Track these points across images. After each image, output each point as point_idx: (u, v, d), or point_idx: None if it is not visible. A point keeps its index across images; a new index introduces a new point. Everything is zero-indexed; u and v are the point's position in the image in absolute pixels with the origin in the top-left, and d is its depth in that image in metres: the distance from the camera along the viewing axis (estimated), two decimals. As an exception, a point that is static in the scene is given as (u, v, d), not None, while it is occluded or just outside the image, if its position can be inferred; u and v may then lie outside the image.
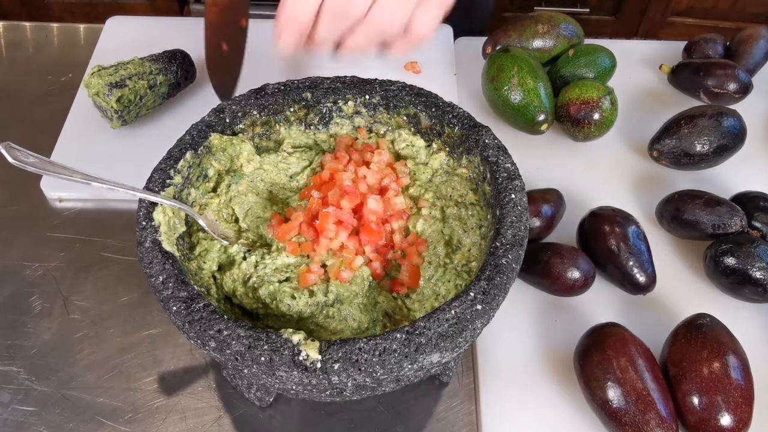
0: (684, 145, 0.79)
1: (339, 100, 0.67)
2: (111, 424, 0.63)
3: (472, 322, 0.49)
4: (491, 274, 0.52)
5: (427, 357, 0.48)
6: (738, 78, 0.85)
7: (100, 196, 0.80)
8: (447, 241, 0.62)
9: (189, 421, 0.63)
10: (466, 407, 0.65)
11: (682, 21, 1.89)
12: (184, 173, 0.60)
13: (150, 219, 0.55)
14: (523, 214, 0.56)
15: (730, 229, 0.71)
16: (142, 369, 0.66)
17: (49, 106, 0.89)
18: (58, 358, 0.67)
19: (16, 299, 0.71)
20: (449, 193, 0.65)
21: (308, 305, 0.56)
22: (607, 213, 0.71)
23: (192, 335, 0.49)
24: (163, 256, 0.53)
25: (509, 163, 0.60)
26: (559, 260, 0.68)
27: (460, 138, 0.64)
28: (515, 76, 0.82)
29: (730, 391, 0.58)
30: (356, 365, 0.46)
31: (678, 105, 0.86)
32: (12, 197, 0.80)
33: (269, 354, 0.47)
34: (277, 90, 0.66)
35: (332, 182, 0.63)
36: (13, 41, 0.99)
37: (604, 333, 0.62)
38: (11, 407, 0.64)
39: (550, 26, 0.89)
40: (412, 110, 0.66)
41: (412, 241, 0.62)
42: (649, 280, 0.68)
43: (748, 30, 0.92)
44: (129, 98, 0.80)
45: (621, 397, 0.58)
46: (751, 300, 0.69)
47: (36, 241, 0.76)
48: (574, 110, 0.81)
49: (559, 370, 0.66)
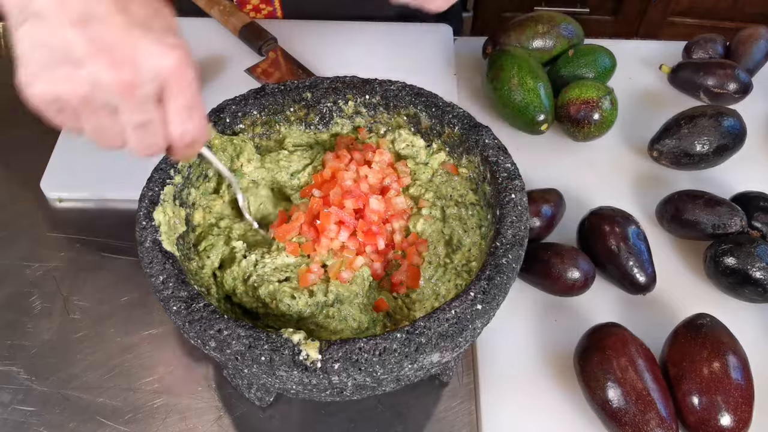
0: (684, 145, 0.79)
1: (339, 99, 0.67)
2: (111, 424, 0.63)
3: (473, 322, 0.49)
4: (491, 273, 0.52)
5: (428, 357, 0.48)
6: (738, 78, 0.85)
7: (100, 196, 0.80)
8: (447, 241, 0.62)
9: (189, 421, 0.63)
10: (466, 407, 0.65)
11: (682, 21, 1.89)
12: (184, 173, 0.60)
13: (150, 219, 0.55)
14: (524, 213, 0.56)
15: (730, 229, 0.71)
16: (142, 369, 0.66)
17: (49, 106, 0.89)
18: (58, 358, 0.67)
19: (16, 299, 0.71)
20: (449, 193, 0.65)
21: (308, 305, 0.56)
22: (607, 213, 0.71)
23: (192, 335, 0.49)
24: (164, 256, 0.53)
25: (509, 163, 0.60)
26: (559, 260, 0.68)
27: (460, 138, 0.64)
28: (515, 76, 0.82)
29: (730, 391, 0.58)
30: (356, 365, 0.46)
31: (678, 105, 0.86)
32: (12, 197, 0.80)
33: (269, 354, 0.47)
34: (277, 90, 0.66)
35: (333, 181, 0.63)
36: (13, 41, 0.99)
37: (604, 333, 0.62)
38: (11, 407, 0.64)
39: (550, 26, 0.89)
40: (412, 110, 0.66)
41: (413, 241, 0.62)
42: (649, 280, 0.68)
43: (748, 30, 0.92)
44: (129, 98, 0.80)
45: (621, 397, 0.58)
46: (751, 300, 0.69)
47: (36, 241, 0.76)
48: (574, 110, 0.81)
49: (559, 370, 0.66)
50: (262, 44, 0.94)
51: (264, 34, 0.94)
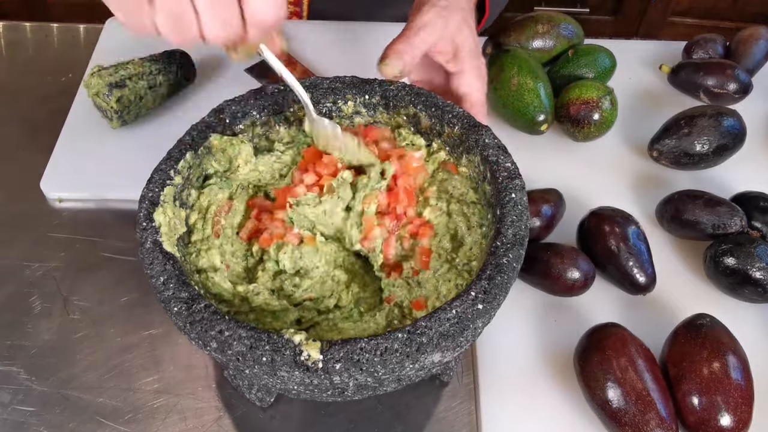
0: (684, 145, 0.79)
1: (339, 100, 0.67)
2: (111, 424, 0.63)
3: (473, 322, 0.49)
4: (492, 273, 0.52)
5: (429, 356, 0.48)
6: (738, 78, 0.85)
7: (100, 196, 0.80)
8: (452, 236, 0.62)
9: (189, 421, 0.63)
10: (466, 407, 0.65)
11: (682, 21, 1.89)
12: (184, 174, 0.60)
13: (151, 220, 0.55)
14: (524, 213, 0.56)
15: (730, 230, 0.71)
16: (142, 369, 0.66)
17: (49, 106, 0.89)
18: (58, 358, 0.67)
19: (16, 299, 0.71)
20: (451, 191, 0.65)
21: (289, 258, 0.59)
22: (607, 213, 0.71)
23: (193, 336, 0.49)
24: (164, 257, 0.53)
25: (509, 163, 0.60)
26: (559, 260, 0.68)
27: (460, 137, 0.64)
28: (515, 76, 0.82)
29: (730, 391, 0.58)
30: (358, 365, 0.46)
31: (678, 105, 0.86)
32: (12, 197, 0.80)
33: (271, 354, 0.47)
34: (277, 90, 0.66)
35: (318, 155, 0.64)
36: (13, 41, 0.99)
37: (604, 333, 0.62)
38: (11, 407, 0.64)
39: (550, 26, 0.89)
40: (412, 110, 0.66)
41: (423, 222, 0.62)
42: (649, 280, 0.68)
43: (748, 30, 0.92)
44: (129, 98, 0.80)
45: (621, 398, 0.58)
46: (751, 300, 0.69)
47: (36, 241, 0.76)
48: (574, 110, 0.81)
49: (559, 370, 0.66)
50: (262, 44, 0.93)
51: (264, 34, 0.94)
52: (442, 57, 0.68)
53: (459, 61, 0.68)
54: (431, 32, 0.65)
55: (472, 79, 0.68)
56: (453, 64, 0.68)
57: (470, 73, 0.68)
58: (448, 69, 0.69)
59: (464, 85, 0.68)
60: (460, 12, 0.68)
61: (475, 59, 0.68)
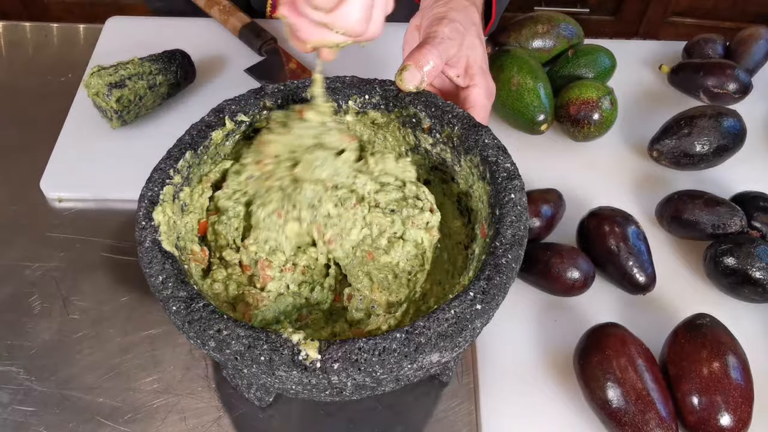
0: (684, 146, 0.79)
1: (339, 100, 0.67)
2: (111, 424, 0.63)
3: (472, 322, 0.49)
4: (491, 273, 0.52)
5: (427, 357, 0.48)
6: (738, 78, 0.85)
7: (100, 196, 0.80)
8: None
9: (189, 421, 0.63)
10: (466, 407, 0.65)
11: (682, 21, 1.89)
12: (183, 173, 0.60)
13: (150, 219, 0.55)
14: (523, 213, 0.56)
15: (729, 229, 0.71)
16: (142, 369, 0.66)
17: (49, 106, 0.89)
18: (57, 358, 0.67)
19: (16, 299, 0.71)
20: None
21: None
22: (607, 213, 0.71)
23: (191, 335, 0.49)
24: (163, 256, 0.53)
25: (509, 163, 0.60)
26: (559, 260, 0.68)
27: (460, 138, 0.64)
28: (515, 76, 0.82)
29: (730, 391, 0.58)
30: (356, 365, 0.46)
31: (678, 105, 0.86)
32: (12, 197, 0.80)
33: (269, 354, 0.47)
34: (277, 90, 0.66)
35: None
36: (13, 41, 0.99)
37: (604, 333, 0.62)
38: (11, 407, 0.64)
39: (550, 26, 0.89)
40: (412, 110, 0.66)
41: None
42: (648, 280, 0.68)
43: (748, 30, 0.92)
44: (129, 98, 0.80)
45: (621, 397, 0.58)
46: (750, 300, 0.69)
47: (36, 241, 0.76)
48: (574, 110, 0.81)
49: (559, 370, 0.66)
50: (262, 44, 0.94)
51: (264, 34, 0.94)
52: (453, 72, 0.68)
53: (468, 77, 0.68)
54: (451, 46, 0.66)
55: (480, 96, 0.69)
56: (463, 79, 0.69)
57: (478, 89, 0.68)
58: (458, 83, 0.69)
59: (471, 101, 0.69)
60: (473, 27, 0.69)
61: (485, 75, 0.69)
